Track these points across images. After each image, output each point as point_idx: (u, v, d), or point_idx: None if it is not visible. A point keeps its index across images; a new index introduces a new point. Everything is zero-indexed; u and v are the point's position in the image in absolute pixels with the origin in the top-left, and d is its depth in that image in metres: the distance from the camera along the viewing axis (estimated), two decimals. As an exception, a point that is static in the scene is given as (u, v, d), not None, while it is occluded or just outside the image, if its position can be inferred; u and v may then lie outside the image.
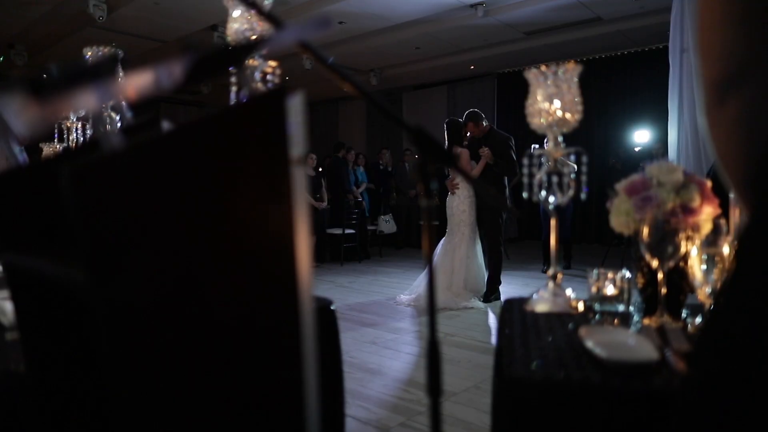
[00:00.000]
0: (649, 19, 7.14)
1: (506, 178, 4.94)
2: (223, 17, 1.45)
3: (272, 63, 1.42)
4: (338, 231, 7.30)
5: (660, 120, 6.27)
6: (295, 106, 0.75)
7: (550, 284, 1.25)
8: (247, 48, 0.60)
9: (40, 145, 2.88)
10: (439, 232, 5.13)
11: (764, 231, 0.56)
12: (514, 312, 1.19)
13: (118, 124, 1.61)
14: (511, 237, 8.51)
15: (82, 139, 2.53)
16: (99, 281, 0.60)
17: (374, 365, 3.26)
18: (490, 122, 5.21)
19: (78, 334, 0.74)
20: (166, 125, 0.76)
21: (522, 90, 1.27)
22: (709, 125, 0.58)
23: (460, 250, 4.86)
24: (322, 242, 7.44)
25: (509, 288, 5.27)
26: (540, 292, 1.26)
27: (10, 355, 0.97)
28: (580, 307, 1.24)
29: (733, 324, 0.57)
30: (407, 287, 5.41)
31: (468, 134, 4.98)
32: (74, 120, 2.41)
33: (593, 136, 8.66)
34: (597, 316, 1.18)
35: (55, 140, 2.70)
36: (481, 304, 4.73)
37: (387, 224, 8.36)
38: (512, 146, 4.91)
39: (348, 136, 12.16)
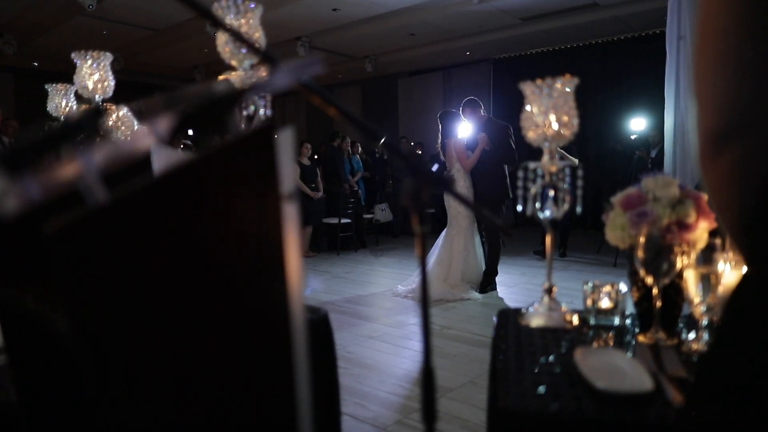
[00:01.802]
0: (646, 5, 7.07)
1: (506, 166, 4.92)
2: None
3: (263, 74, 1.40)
4: (334, 221, 7.30)
5: (656, 106, 6.24)
6: (285, 141, 0.74)
7: (545, 299, 1.25)
8: (237, 95, 0.58)
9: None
10: (443, 224, 5.12)
11: (758, 282, 0.55)
12: (510, 327, 1.19)
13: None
14: (507, 223, 8.51)
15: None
16: (84, 337, 0.59)
17: (371, 361, 3.27)
18: (486, 107, 5.19)
19: (69, 363, 0.74)
20: (155, 161, 0.75)
21: (518, 75, 1.25)
22: (704, 174, 0.57)
23: (457, 242, 4.86)
24: (318, 232, 7.43)
25: (505, 277, 5.29)
26: (535, 305, 1.26)
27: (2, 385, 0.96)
28: (575, 320, 1.24)
29: (725, 376, 0.57)
30: (404, 278, 5.42)
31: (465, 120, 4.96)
32: (65, 121, 2.37)
33: (589, 122, 8.62)
34: (591, 332, 1.18)
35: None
36: (478, 296, 4.75)
37: (383, 213, 8.35)
38: (511, 134, 4.89)
39: (343, 122, 12.07)
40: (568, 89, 1.20)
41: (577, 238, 7.45)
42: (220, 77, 1.44)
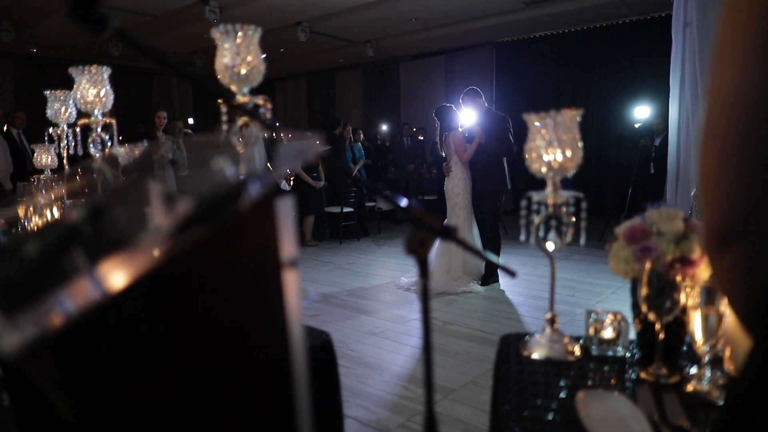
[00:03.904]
0: (652, -12, 6.96)
1: (504, 158, 4.90)
2: None
3: (262, 101, 1.38)
4: (336, 209, 7.29)
5: (661, 93, 6.17)
6: (285, 209, 0.73)
7: (548, 329, 1.25)
8: (239, 189, 0.57)
9: (32, 146, 2.85)
10: (444, 212, 5.12)
11: (761, 371, 0.56)
12: (512, 360, 1.19)
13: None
14: (506, 209, 8.49)
15: (73, 144, 2.48)
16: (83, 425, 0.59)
17: (374, 359, 3.30)
18: (489, 91, 5.15)
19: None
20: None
21: (522, 59, 1.23)
22: (710, 261, 0.58)
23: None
24: (320, 221, 7.43)
25: (507, 269, 5.28)
26: (537, 336, 1.26)
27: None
28: (577, 351, 1.24)
29: None
30: (406, 268, 5.43)
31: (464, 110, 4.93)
32: (65, 128, 2.35)
33: (593, 107, 8.55)
34: (592, 365, 1.19)
35: (46, 142, 2.67)
36: (479, 288, 4.76)
37: (385, 200, 8.33)
38: (509, 127, 4.85)
39: (345, 106, 12.00)
40: (572, 120, 1.18)
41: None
42: (220, 100, 1.43)
